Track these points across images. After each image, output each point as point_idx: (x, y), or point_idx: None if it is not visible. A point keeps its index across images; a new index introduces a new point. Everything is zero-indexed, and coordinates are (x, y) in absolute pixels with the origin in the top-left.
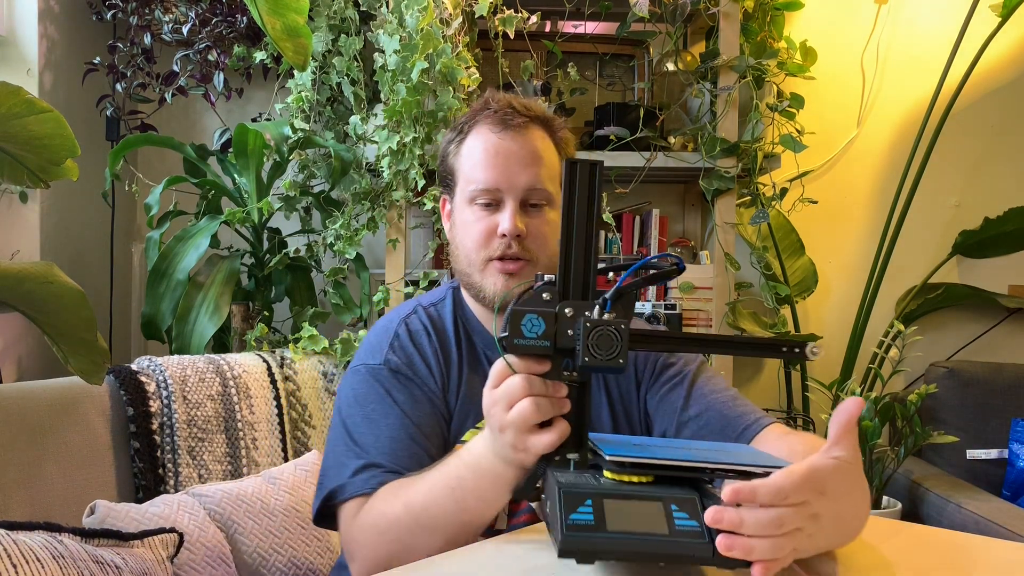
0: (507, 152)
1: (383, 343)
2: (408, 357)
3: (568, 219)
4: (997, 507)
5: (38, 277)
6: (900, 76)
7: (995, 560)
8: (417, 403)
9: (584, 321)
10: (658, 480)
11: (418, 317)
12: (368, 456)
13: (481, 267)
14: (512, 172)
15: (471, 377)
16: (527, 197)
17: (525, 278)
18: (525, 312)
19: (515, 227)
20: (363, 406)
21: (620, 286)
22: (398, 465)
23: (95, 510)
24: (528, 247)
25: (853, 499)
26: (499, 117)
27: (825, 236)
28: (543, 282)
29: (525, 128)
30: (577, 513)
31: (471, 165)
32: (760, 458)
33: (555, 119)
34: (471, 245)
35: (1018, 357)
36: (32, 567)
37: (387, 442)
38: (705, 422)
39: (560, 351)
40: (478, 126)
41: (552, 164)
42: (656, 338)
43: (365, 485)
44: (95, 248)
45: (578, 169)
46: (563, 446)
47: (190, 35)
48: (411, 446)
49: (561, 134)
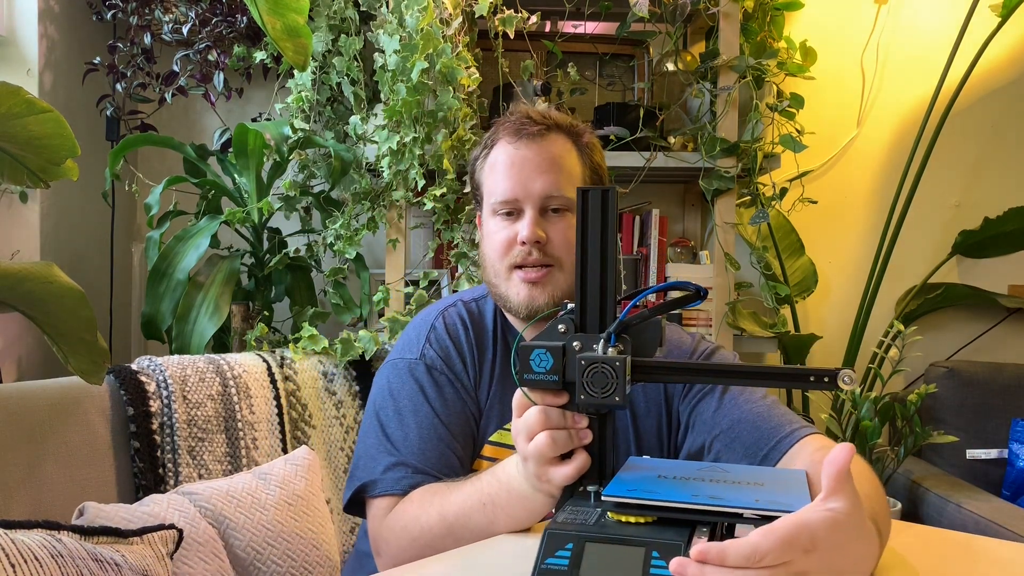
0: (523, 161)
1: (420, 337)
2: (444, 350)
3: (583, 248)
4: (997, 507)
5: (38, 277)
6: (900, 76)
7: (995, 560)
8: (448, 403)
9: (579, 359)
10: (660, 521)
11: (456, 310)
12: (399, 454)
13: (505, 276)
14: (528, 180)
15: (504, 375)
16: (546, 204)
17: (549, 284)
18: (533, 347)
19: (533, 234)
20: (396, 400)
21: (623, 319)
22: (427, 465)
23: (84, 512)
24: (550, 252)
25: (853, 550)
26: (515, 127)
27: (825, 236)
28: (566, 311)
29: (542, 136)
30: (554, 557)
31: (492, 178)
32: (789, 496)
33: (578, 125)
34: (494, 255)
35: (1018, 357)
36: (31, 566)
37: (416, 441)
38: (736, 435)
39: (569, 385)
40: (499, 139)
41: (573, 169)
42: (676, 369)
43: (396, 486)
44: (95, 248)
45: (589, 197)
46: (585, 476)
47: (190, 35)
48: (439, 446)
49: (586, 139)
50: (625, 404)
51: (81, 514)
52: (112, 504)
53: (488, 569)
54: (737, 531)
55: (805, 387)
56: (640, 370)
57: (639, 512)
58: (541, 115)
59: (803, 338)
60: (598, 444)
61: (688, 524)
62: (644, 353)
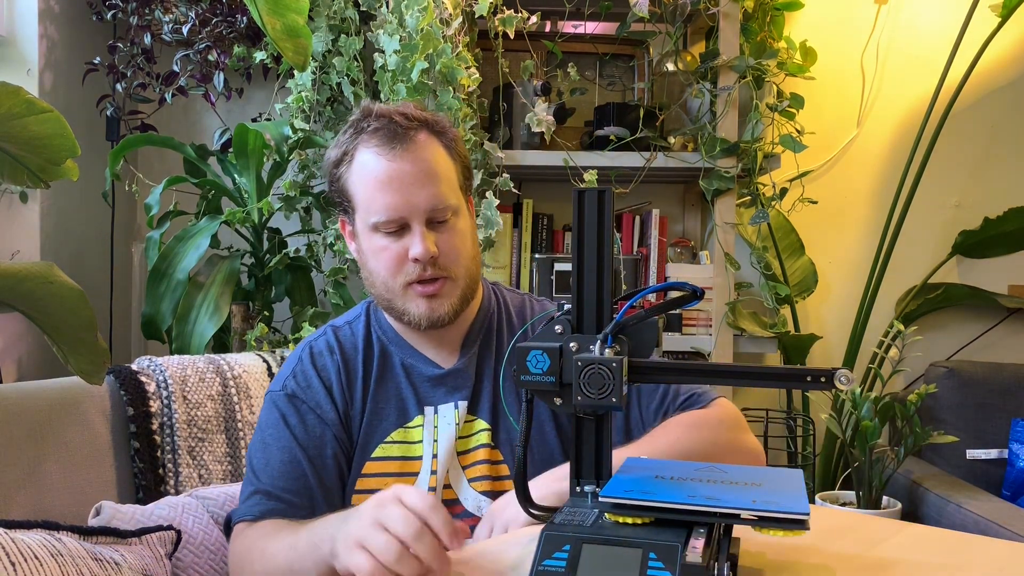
0: (400, 175)
1: (287, 370)
2: (307, 380)
3: (579, 250)
4: (997, 507)
5: (38, 277)
6: (900, 76)
7: (995, 560)
8: (309, 428)
9: (576, 360)
10: (658, 522)
11: (325, 338)
12: (259, 483)
13: (400, 292)
14: (411, 195)
15: (379, 390)
16: (432, 216)
17: (447, 295)
18: (530, 348)
19: (427, 251)
20: (263, 432)
21: (620, 320)
22: (284, 492)
23: (101, 511)
24: (443, 264)
25: None
26: (384, 135)
27: (825, 236)
28: (561, 312)
29: (413, 142)
30: (551, 559)
31: (366, 193)
32: (787, 496)
33: (440, 119)
34: (385, 273)
35: (1018, 357)
36: (31, 565)
37: (277, 466)
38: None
39: (566, 386)
40: (362, 147)
41: (448, 174)
42: (673, 370)
43: (249, 512)
44: (95, 248)
45: (585, 198)
46: (583, 476)
47: (190, 35)
48: (296, 470)
49: (449, 134)
50: (622, 405)
51: (98, 513)
52: (128, 505)
53: (489, 567)
54: (734, 531)
55: (802, 387)
56: (637, 371)
57: (636, 513)
58: (406, 116)
59: (803, 338)
60: (596, 446)
61: (685, 525)
62: (641, 354)
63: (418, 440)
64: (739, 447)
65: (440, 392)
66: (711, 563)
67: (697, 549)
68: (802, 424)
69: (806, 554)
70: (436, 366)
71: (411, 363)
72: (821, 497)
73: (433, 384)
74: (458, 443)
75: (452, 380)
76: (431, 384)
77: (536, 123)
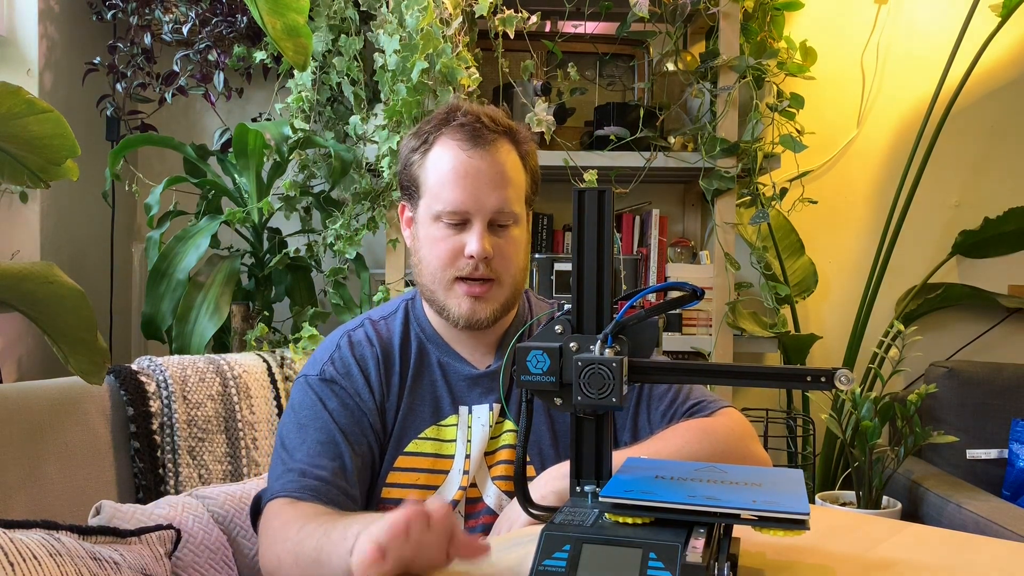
0: (476, 172)
1: (324, 356)
2: (346, 368)
3: (579, 250)
4: (997, 507)
5: (38, 277)
6: (900, 76)
7: (995, 560)
8: (347, 410)
9: (576, 360)
10: (658, 522)
11: (364, 330)
12: (293, 461)
13: (446, 286)
14: (481, 194)
15: (416, 386)
16: (495, 219)
17: (491, 299)
18: (531, 348)
19: (483, 250)
20: (297, 413)
21: (620, 320)
22: (320, 468)
23: (101, 510)
24: (494, 268)
25: None
26: (468, 132)
27: (825, 236)
28: (561, 312)
29: (494, 145)
30: (551, 559)
31: (438, 182)
32: (787, 496)
33: (521, 130)
34: (436, 263)
35: (1018, 357)
36: (29, 565)
37: (314, 446)
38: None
39: (566, 386)
40: (444, 138)
41: (519, 183)
42: (672, 370)
43: (284, 488)
44: (95, 248)
45: (585, 198)
46: (583, 476)
47: (190, 35)
48: (334, 450)
49: (526, 147)
50: (622, 405)
51: (98, 512)
52: (128, 504)
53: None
54: (734, 531)
55: (802, 387)
56: (637, 371)
57: (636, 513)
58: (493, 120)
59: (803, 338)
60: (596, 446)
61: (685, 525)
62: (641, 354)
63: (451, 439)
64: (748, 456)
65: (475, 393)
66: (711, 563)
67: (697, 549)
68: (802, 424)
69: (806, 554)
70: (472, 366)
71: (448, 362)
72: (821, 497)
73: (469, 384)
74: (488, 443)
75: (488, 382)
76: (467, 384)
77: (536, 123)
